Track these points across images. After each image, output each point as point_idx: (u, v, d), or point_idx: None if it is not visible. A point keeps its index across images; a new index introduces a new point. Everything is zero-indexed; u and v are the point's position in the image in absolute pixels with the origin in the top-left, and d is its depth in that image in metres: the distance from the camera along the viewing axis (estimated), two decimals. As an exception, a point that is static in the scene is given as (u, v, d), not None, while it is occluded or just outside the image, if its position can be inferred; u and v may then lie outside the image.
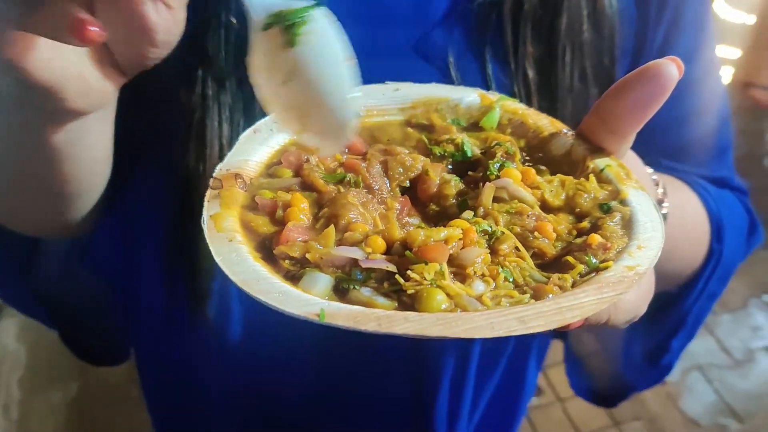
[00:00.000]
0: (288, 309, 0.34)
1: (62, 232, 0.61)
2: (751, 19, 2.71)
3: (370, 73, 0.61)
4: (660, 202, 0.57)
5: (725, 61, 2.75)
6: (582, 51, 0.62)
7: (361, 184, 0.42)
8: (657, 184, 0.57)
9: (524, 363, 0.79)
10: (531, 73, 0.61)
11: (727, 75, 2.78)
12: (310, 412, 0.72)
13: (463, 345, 0.69)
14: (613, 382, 0.83)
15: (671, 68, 0.41)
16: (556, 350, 0.88)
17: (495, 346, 0.73)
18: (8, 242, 0.63)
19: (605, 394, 0.84)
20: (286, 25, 0.37)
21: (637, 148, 0.52)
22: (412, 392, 0.71)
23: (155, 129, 0.62)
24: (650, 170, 0.55)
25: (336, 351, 0.69)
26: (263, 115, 0.58)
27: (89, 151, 0.50)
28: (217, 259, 0.36)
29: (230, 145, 0.58)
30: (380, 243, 0.38)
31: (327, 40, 0.38)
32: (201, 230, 0.57)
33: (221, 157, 0.59)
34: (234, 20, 0.57)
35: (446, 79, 0.61)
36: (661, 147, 0.69)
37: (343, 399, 0.72)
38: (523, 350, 0.77)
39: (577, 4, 0.62)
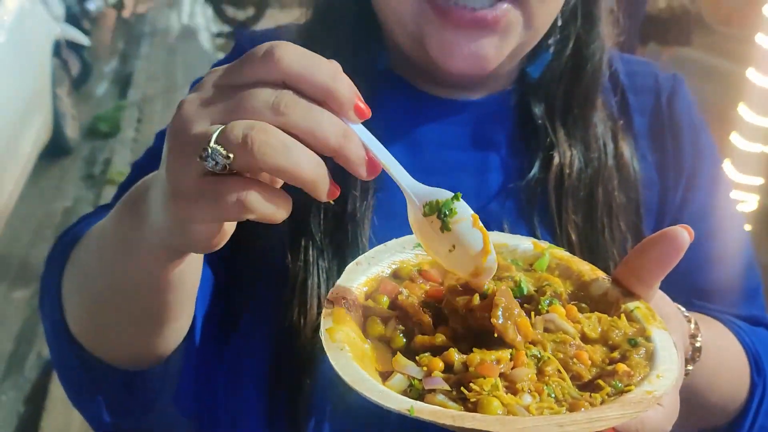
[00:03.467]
0: (387, 404, 0.44)
1: (147, 358, 0.68)
2: (768, 149, 2.84)
3: None
4: (693, 336, 0.64)
5: (749, 188, 2.86)
6: (614, 214, 0.73)
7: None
8: (689, 321, 0.64)
9: None
10: (573, 236, 0.72)
11: (752, 202, 2.88)
12: None
13: None
14: None
15: (683, 234, 0.51)
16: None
17: None
18: (103, 382, 0.69)
19: None
20: (440, 216, 0.51)
21: (669, 289, 0.61)
22: None
23: (262, 286, 0.73)
24: (682, 308, 0.63)
25: None
26: None
27: (188, 280, 0.60)
28: (331, 361, 0.46)
29: None
30: (439, 364, 0.48)
31: (470, 222, 0.51)
32: (301, 372, 0.68)
33: (319, 313, 0.69)
34: (332, 201, 0.71)
35: None
36: (691, 289, 0.77)
37: None
38: None
39: (609, 177, 0.74)
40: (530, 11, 0.67)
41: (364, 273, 0.56)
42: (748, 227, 2.70)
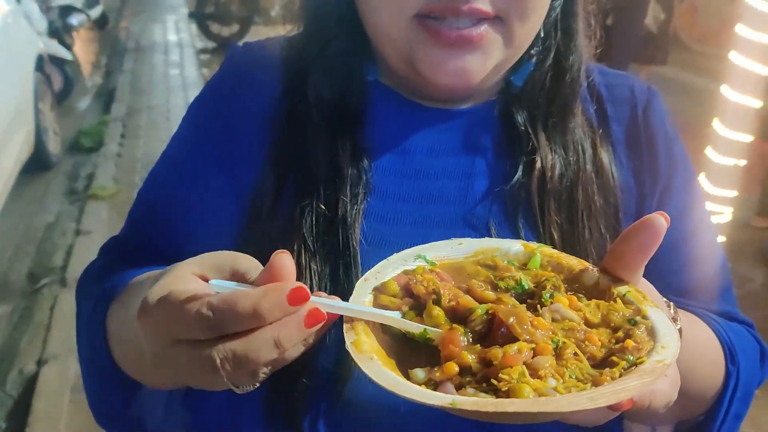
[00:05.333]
0: (430, 401, 0.47)
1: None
2: (741, 162, 2.93)
3: (428, 240, 0.77)
4: (674, 320, 0.67)
5: (724, 200, 2.93)
6: (593, 216, 0.77)
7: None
8: (669, 306, 0.68)
9: None
10: (556, 235, 0.76)
11: (727, 214, 2.96)
12: None
13: None
14: None
15: (660, 219, 0.56)
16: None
17: None
18: (112, 380, 0.72)
19: None
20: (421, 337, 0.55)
21: None
22: None
23: None
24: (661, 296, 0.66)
25: None
26: (346, 279, 0.72)
27: None
28: (366, 371, 0.49)
29: None
30: (454, 368, 0.51)
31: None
32: (296, 372, 0.70)
33: None
34: (323, 207, 0.74)
35: None
36: (670, 288, 0.79)
37: None
38: None
39: (588, 181, 0.78)
40: (511, 30, 0.72)
41: (373, 286, 0.58)
42: (723, 238, 2.78)
